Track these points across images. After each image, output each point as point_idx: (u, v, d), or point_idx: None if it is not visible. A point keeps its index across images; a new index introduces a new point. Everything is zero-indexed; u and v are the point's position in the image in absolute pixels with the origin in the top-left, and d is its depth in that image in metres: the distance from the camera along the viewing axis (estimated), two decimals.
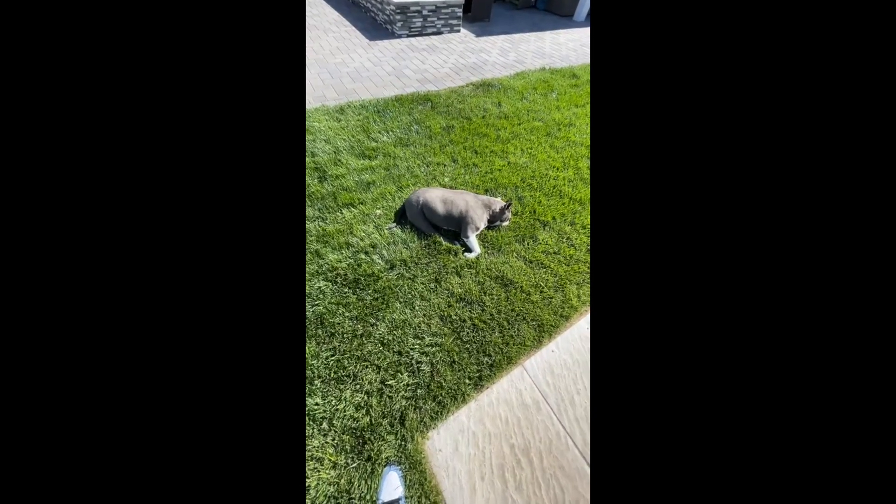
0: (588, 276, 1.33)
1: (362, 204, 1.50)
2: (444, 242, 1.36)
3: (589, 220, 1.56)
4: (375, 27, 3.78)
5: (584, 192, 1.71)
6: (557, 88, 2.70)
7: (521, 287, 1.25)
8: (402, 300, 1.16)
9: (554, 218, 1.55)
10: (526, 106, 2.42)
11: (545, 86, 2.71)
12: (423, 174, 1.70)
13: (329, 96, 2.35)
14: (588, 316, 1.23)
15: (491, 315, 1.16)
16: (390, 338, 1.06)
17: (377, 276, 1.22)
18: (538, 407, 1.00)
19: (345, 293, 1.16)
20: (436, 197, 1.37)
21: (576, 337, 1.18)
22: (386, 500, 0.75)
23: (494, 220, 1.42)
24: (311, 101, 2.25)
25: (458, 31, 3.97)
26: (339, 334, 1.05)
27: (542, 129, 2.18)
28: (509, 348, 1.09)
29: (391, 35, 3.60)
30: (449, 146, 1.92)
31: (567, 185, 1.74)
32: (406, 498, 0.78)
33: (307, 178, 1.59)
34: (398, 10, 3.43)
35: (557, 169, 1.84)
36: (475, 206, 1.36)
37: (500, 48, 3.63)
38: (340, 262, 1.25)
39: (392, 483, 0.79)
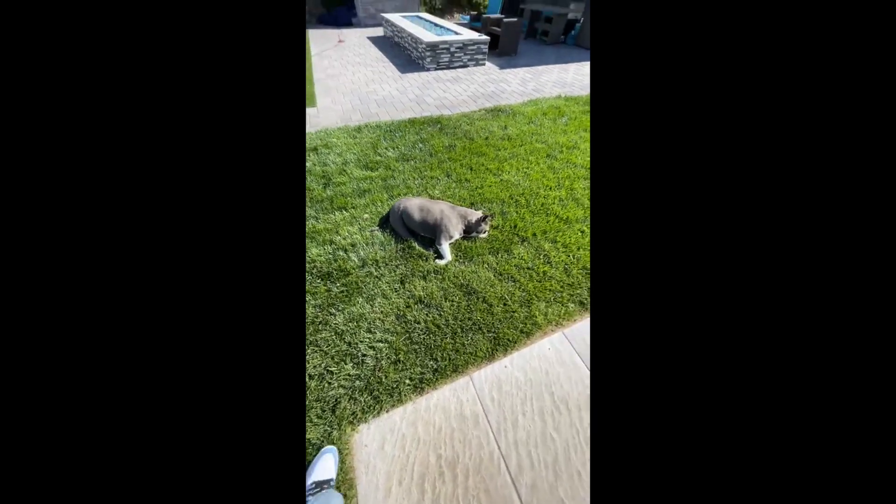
0: (560, 296, 1.27)
1: (354, 208, 1.65)
2: (417, 247, 1.42)
3: (572, 238, 1.51)
4: (410, 63, 4.28)
5: (574, 211, 1.67)
6: (569, 114, 2.74)
7: (485, 298, 1.24)
8: (364, 296, 1.23)
9: (534, 234, 1.53)
10: (532, 129, 2.49)
11: (556, 111, 2.77)
12: (416, 186, 1.83)
13: (354, 118, 2.68)
14: (552, 337, 1.16)
15: (446, 321, 1.16)
16: (345, 328, 1.12)
17: (349, 271, 1.32)
18: (476, 421, 0.96)
19: (315, 283, 1.27)
20: (414, 205, 1.46)
21: (534, 356, 1.12)
22: (316, 480, 0.75)
23: (470, 230, 1.45)
24: (338, 122, 2.59)
25: (484, 64, 4.30)
26: None
27: (543, 150, 2.21)
28: (458, 356, 1.07)
29: (422, 69, 4.03)
30: (447, 162, 2.05)
31: (556, 203, 1.72)
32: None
33: (314, 184, 1.81)
34: (428, 48, 3.87)
35: (550, 188, 1.84)
36: (450, 216, 1.42)
37: (521, 78, 3.82)
38: (320, 256, 1.38)
39: (326, 464, 0.79)
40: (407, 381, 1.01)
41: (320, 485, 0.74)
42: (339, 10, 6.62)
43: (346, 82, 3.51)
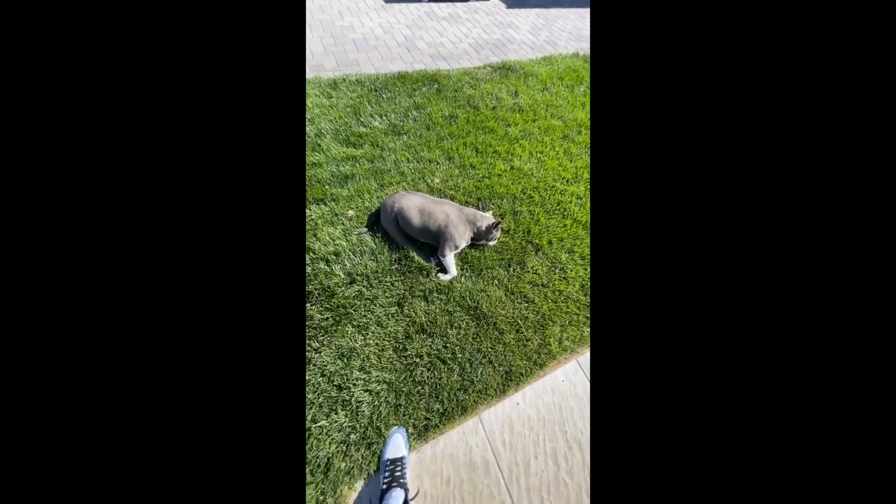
0: (576, 318, 1.15)
1: (334, 201, 1.33)
2: (416, 258, 1.19)
3: (589, 249, 1.35)
4: None
5: None
6: (588, 82, 2.34)
7: (496, 324, 1.09)
8: (355, 324, 1.03)
9: (550, 242, 1.34)
10: (546, 99, 2.11)
11: (574, 76, 2.35)
12: (411, 172, 1.50)
13: (327, 66, 2.11)
14: (566, 367, 1.07)
15: (453, 353, 1.02)
16: (333, 368, 0.94)
17: (333, 291, 1.08)
18: (487, 469, 0.88)
19: None
20: (413, 205, 1.19)
21: (547, 390, 1.03)
22: (390, 458, 0.79)
23: (479, 238, 1.23)
24: (306, 70, 2.02)
25: None
26: None
27: (559, 129, 1.89)
28: (467, 395, 0.96)
29: None
30: (447, 139, 1.69)
31: (574, 202, 1.51)
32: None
33: None
34: None
35: (567, 181, 1.60)
36: (457, 222, 1.17)
37: (532, 24, 3.18)
38: None
39: (397, 443, 0.82)
40: (410, 430, 0.89)
41: (395, 462, 0.79)
42: None
43: (315, 9, 2.71)
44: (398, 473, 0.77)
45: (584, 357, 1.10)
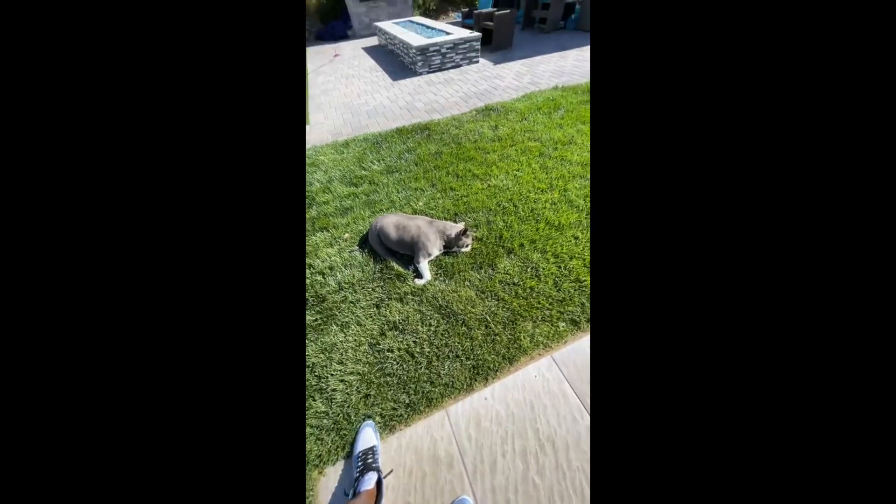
0: (549, 313, 1.15)
1: (335, 228, 1.62)
2: (396, 267, 1.36)
3: (563, 247, 1.38)
4: (402, 69, 4.24)
5: (567, 215, 1.53)
6: (565, 106, 2.56)
7: (465, 321, 1.15)
8: (339, 323, 1.19)
9: (522, 245, 1.41)
10: (524, 126, 2.34)
11: (551, 104, 2.60)
12: (400, 199, 1.77)
13: (344, 132, 2.68)
14: (539, 363, 1.05)
15: (421, 348, 1.09)
16: (316, 360, 1.08)
17: (324, 297, 1.28)
18: (451, 463, 0.87)
19: None
20: (390, 223, 1.40)
21: (518, 385, 1.01)
22: (361, 449, 0.84)
23: (451, 245, 1.37)
24: (328, 138, 2.59)
25: (478, 62, 4.16)
26: None
27: (535, 149, 2.07)
28: (433, 388, 1.00)
29: (414, 74, 3.97)
30: (432, 171, 1.97)
31: (548, 208, 1.59)
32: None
33: None
34: (419, 52, 3.80)
35: (541, 191, 1.70)
36: (428, 232, 1.34)
37: (516, 72, 3.65)
38: None
39: (367, 436, 0.88)
40: (377, 419, 0.95)
41: (366, 453, 0.83)
42: (335, 24, 6.75)
43: (339, 96, 3.53)
44: (370, 460, 0.81)
45: (559, 353, 1.07)
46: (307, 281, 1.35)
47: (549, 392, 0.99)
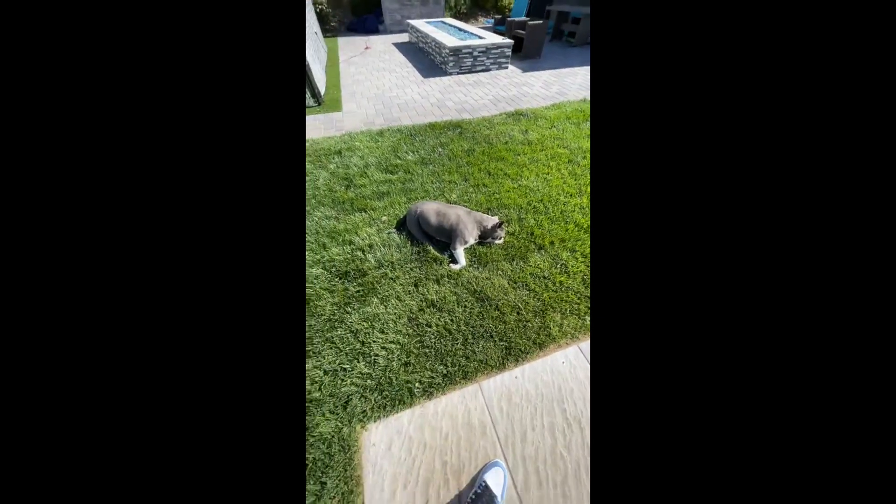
0: (577, 307, 1.23)
1: (373, 210, 1.70)
2: (432, 251, 1.43)
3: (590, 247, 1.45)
4: (433, 67, 4.34)
5: None
6: None
7: (498, 305, 1.23)
8: (379, 296, 1.26)
9: (552, 242, 1.49)
10: (554, 133, 2.43)
11: (580, 115, 2.69)
12: (434, 189, 1.85)
13: (377, 122, 2.76)
14: (567, 351, 1.13)
15: (458, 326, 1.16)
16: (359, 327, 1.16)
17: (365, 272, 1.36)
18: (484, 431, 0.94)
19: (334, 282, 1.32)
20: (431, 209, 1.48)
21: (546, 369, 1.08)
22: (488, 482, 0.77)
23: (486, 236, 1.44)
24: (361, 126, 2.68)
25: (507, 68, 4.26)
26: (317, 315, 1.19)
27: (565, 155, 2.15)
28: (468, 363, 1.07)
29: (444, 73, 4.07)
30: (465, 167, 2.05)
31: (577, 211, 1.67)
32: (329, 480, 0.81)
33: (336, 185, 1.89)
34: (451, 53, 3.90)
35: (571, 195, 1.78)
36: (466, 221, 1.42)
37: (545, 82, 3.75)
38: (339, 255, 1.43)
39: (497, 477, 0.80)
40: (417, 384, 1.02)
41: (487, 491, 0.76)
42: (367, 17, 6.88)
43: (371, 87, 3.63)
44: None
45: (586, 344, 1.15)
46: (349, 255, 1.43)
47: (576, 378, 1.06)
